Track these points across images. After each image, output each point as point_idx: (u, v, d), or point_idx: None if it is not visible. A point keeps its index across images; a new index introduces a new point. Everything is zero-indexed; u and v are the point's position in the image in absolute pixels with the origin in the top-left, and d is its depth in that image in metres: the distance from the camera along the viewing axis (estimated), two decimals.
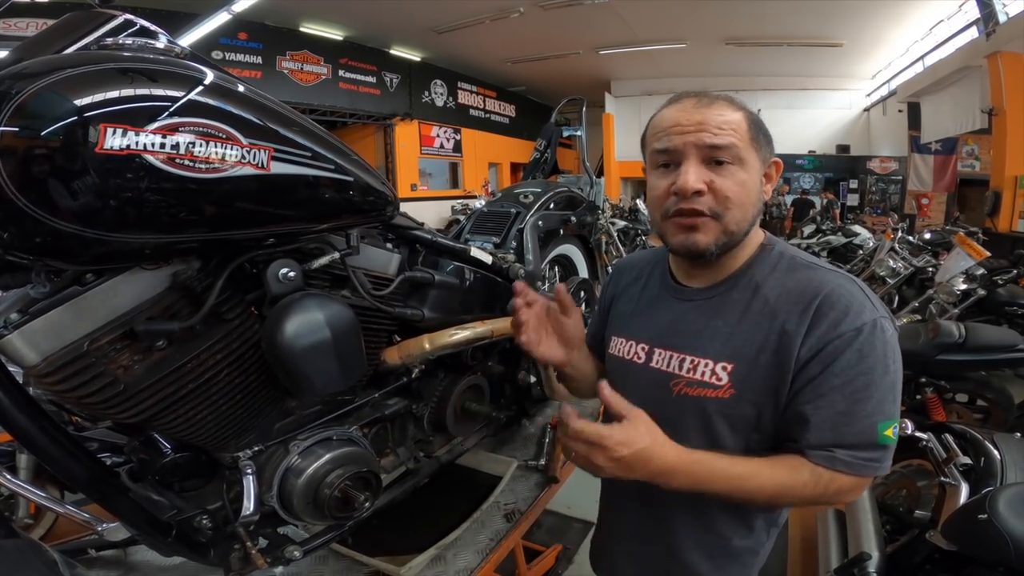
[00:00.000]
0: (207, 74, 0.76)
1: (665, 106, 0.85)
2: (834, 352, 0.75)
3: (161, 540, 0.96)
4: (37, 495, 1.45)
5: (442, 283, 1.31)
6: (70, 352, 0.75)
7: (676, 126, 0.80)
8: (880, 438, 0.76)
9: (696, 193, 0.78)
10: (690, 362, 0.85)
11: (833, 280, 0.80)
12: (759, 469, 0.79)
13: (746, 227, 0.82)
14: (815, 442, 0.77)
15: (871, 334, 0.75)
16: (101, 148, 0.64)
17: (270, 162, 0.79)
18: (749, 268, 0.86)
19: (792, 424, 0.80)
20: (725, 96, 0.83)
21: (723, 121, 0.78)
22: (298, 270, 0.93)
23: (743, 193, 0.80)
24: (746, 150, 0.80)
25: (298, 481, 1.03)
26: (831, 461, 0.76)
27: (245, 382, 0.95)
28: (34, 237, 0.65)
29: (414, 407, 1.38)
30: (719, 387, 0.82)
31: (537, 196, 1.98)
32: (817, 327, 0.76)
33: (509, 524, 1.55)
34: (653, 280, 0.99)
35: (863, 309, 0.76)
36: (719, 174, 0.79)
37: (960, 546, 1.45)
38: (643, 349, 0.93)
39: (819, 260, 0.87)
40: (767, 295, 0.82)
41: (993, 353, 2.62)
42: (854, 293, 0.78)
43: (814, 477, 0.78)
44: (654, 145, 0.84)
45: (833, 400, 0.76)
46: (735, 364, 0.81)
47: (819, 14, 8.94)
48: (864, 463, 0.77)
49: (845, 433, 0.76)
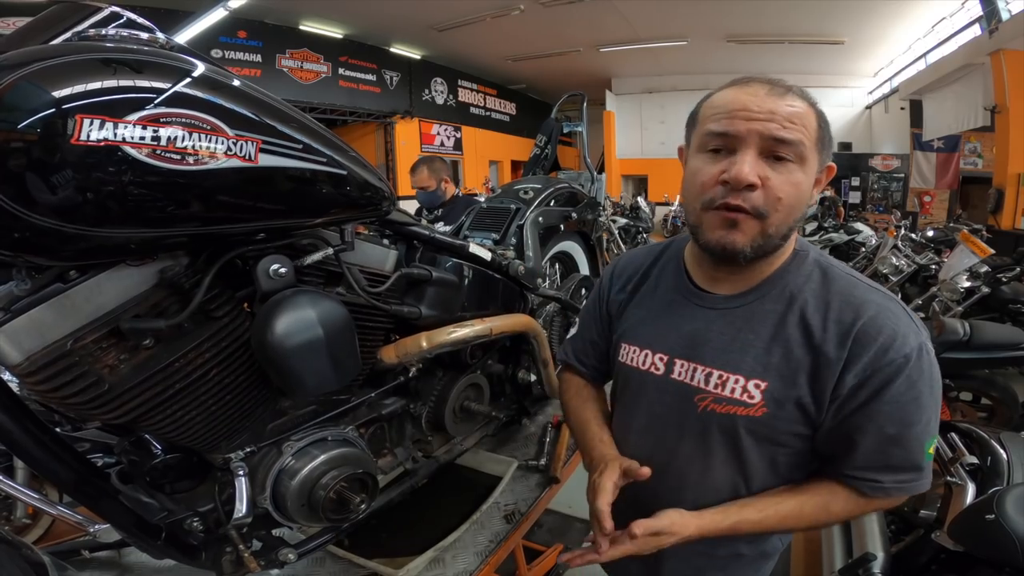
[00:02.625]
0: (193, 65, 0.74)
1: (728, 86, 0.78)
2: (885, 380, 0.72)
3: (151, 543, 0.94)
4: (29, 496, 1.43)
5: (440, 280, 1.28)
6: (53, 351, 0.72)
7: (744, 110, 0.72)
8: (926, 456, 0.76)
9: (749, 187, 0.71)
10: (718, 377, 0.80)
11: (876, 300, 0.75)
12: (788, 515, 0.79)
13: (786, 232, 0.76)
14: (862, 465, 0.76)
15: (919, 359, 0.73)
16: (77, 140, 0.62)
17: (258, 154, 0.76)
18: (782, 277, 0.80)
19: (836, 448, 0.78)
20: (797, 88, 0.77)
21: (794, 114, 0.72)
22: (290, 266, 0.91)
23: (795, 196, 0.73)
24: (810, 150, 0.74)
25: (292, 483, 1.00)
26: (879, 490, 0.77)
27: (235, 382, 0.92)
28: (12, 233, 0.63)
29: (412, 406, 1.35)
30: (751, 405, 0.78)
31: (537, 192, 1.95)
32: (864, 353, 0.72)
33: (509, 525, 1.53)
34: (665, 282, 0.92)
35: (909, 334, 0.73)
36: (776, 171, 0.72)
37: (967, 546, 1.43)
38: (661, 360, 0.87)
39: (855, 272, 0.82)
40: (803, 310, 0.77)
41: (998, 351, 2.61)
42: (898, 315, 0.74)
43: (848, 507, 0.79)
44: (710, 126, 0.75)
45: (883, 425, 0.74)
46: (769, 382, 0.77)
47: (820, 11, 8.91)
48: (910, 484, 0.77)
49: (894, 456, 0.75)
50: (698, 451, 0.83)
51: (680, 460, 0.85)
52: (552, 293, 1.85)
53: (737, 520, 0.79)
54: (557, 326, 1.99)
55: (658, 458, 0.85)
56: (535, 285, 1.71)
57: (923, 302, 3.85)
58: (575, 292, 2.09)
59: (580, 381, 1.09)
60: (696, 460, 0.84)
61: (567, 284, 2.08)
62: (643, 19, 10.00)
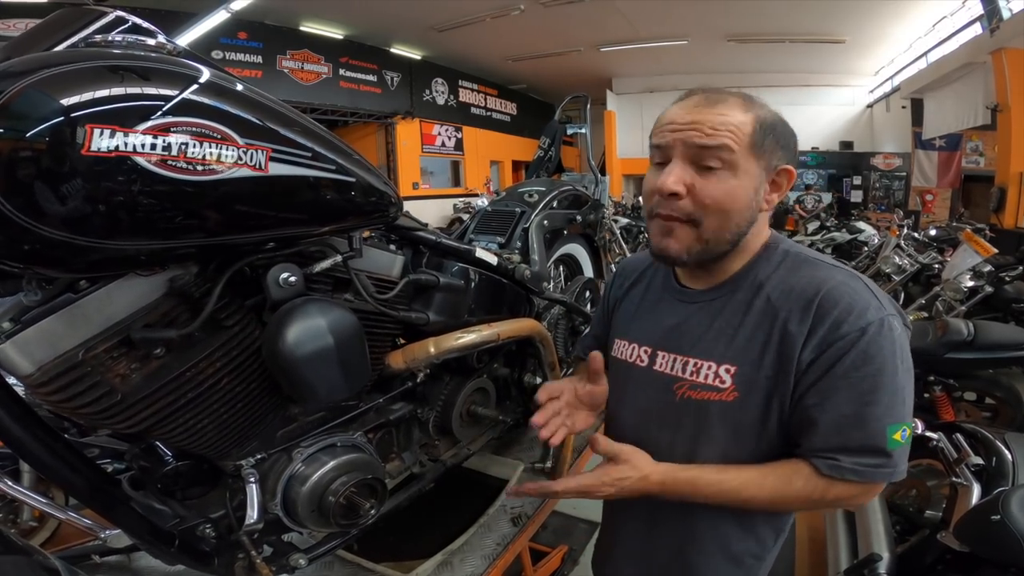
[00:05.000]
0: (201, 72, 0.73)
1: (675, 102, 0.82)
2: (837, 353, 0.72)
3: (164, 550, 0.94)
4: (38, 501, 1.44)
5: (447, 285, 1.28)
6: (65, 361, 0.72)
7: (671, 123, 0.78)
8: (889, 443, 0.73)
9: (673, 195, 0.76)
10: (693, 365, 0.83)
11: (836, 277, 0.77)
12: (749, 480, 0.78)
13: (728, 236, 0.79)
14: (820, 446, 0.75)
15: (877, 334, 0.72)
16: (88, 150, 0.61)
17: (268, 163, 0.76)
18: (752, 268, 0.84)
19: (798, 428, 0.78)
20: (740, 96, 0.79)
21: (721, 122, 0.74)
22: (299, 274, 0.91)
23: (727, 200, 0.76)
24: (743, 156, 0.75)
25: (302, 489, 1.00)
26: (836, 469, 0.74)
27: (246, 390, 0.92)
28: (22, 245, 0.62)
29: (419, 411, 1.35)
30: (723, 390, 0.80)
31: (542, 195, 1.95)
32: (820, 327, 0.73)
33: (516, 528, 1.54)
34: (656, 282, 0.98)
35: (868, 307, 0.73)
36: (704, 178, 0.75)
37: (973, 547, 1.43)
38: (646, 352, 0.91)
39: (825, 257, 0.84)
40: (769, 293, 0.79)
41: (1002, 351, 2.60)
42: (858, 290, 0.75)
43: (809, 485, 0.76)
44: (651, 140, 0.82)
45: (838, 403, 0.73)
46: (738, 366, 0.79)
47: (821, 10, 8.88)
48: (872, 469, 0.74)
49: (852, 437, 0.73)
50: (679, 441, 0.85)
51: (663, 451, 0.86)
52: (558, 297, 1.85)
53: (697, 474, 0.79)
54: (562, 329, 1.99)
55: (645, 449, 0.87)
56: (541, 289, 1.70)
57: (926, 302, 3.84)
58: (579, 295, 2.09)
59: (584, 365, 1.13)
60: (677, 451, 0.85)
61: (572, 287, 2.08)
62: (643, 18, 9.98)
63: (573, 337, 2.09)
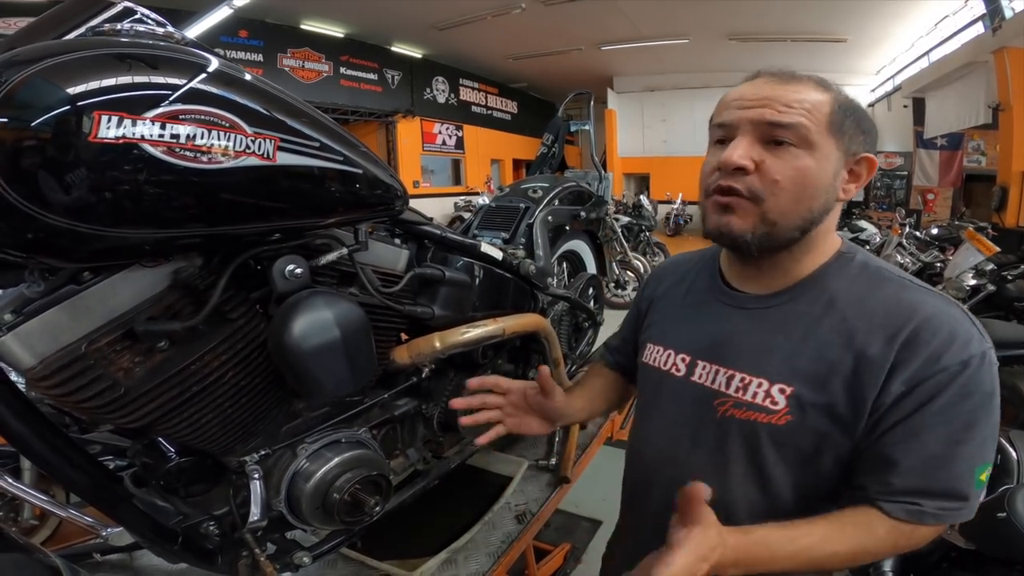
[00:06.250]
0: (210, 61, 0.72)
1: (742, 82, 0.76)
2: (935, 388, 0.64)
3: (167, 547, 0.93)
4: (39, 499, 1.42)
5: (453, 280, 1.26)
6: (67, 354, 0.71)
7: (739, 99, 0.72)
8: (976, 484, 0.66)
9: (738, 170, 0.69)
10: (740, 380, 0.74)
11: (931, 301, 0.68)
12: (827, 534, 0.67)
13: (797, 222, 0.70)
14: (899, 488, 0.66)
15: (979, 368, 0.64)
16: (95, 138, 0.60)
17: (276, 152, 0.75)
18: (822, 277, 0.74)
19: (871, 467, 0.69)
20: (816, 78, 0.73)
21: (796, 99, 0.68)
22: (305, 267, 0.89)
23: (798, 179, 0.68)
24: (819, 134, 0.68)
25: (307, 485, 0.99)
26: (918, 516, 0.66)
27: (251, 384, 0.91)
28: (26, 233, 0.61)
29: (424, 407, 1.34)
30: (774, 412, 0.71)
31: (546, 191, 1.94)
32: (914, 358, 0.65)
33: (520, 525, 1.53)
34: (700, 282, 0.88)
35: (970, 339, 0.65)
36: (774, 154, 0.69)
37: (978, 544, 1.43)
38: (683, 360, 0.82)
39: (911, 276, 0.74)
40: (844, 311, 0.70)
41: (1005, 349, 2.59)
42: (958, 319, 0.67)
43: (892, 534, 0.67)
44: (714, 119, 0.75)
45: (927, 442, 0.65)
46: (795, 387, 0.70)
47: (822, 10, 8.88)
48: (953, 512, 0.67)
49: (937, 478, 0.66)
50: (714, 463, 0.77)
51: (694, 471, 0.75)
52: (562, 292, 1.84)
53: (764, 534, 0.67)
54: (566, 325, 1.98)
55: (670, 471, 0.81)
56: (545, 284, 1.69)
57: None
58: (583, 292, 2.08)
59: (600, 366, 1.09)
60: (712, 473, 0.75)
61: (575, 284, 2.07)
62: (644, 17, 9.98)
63: (577, 334, 2.08)
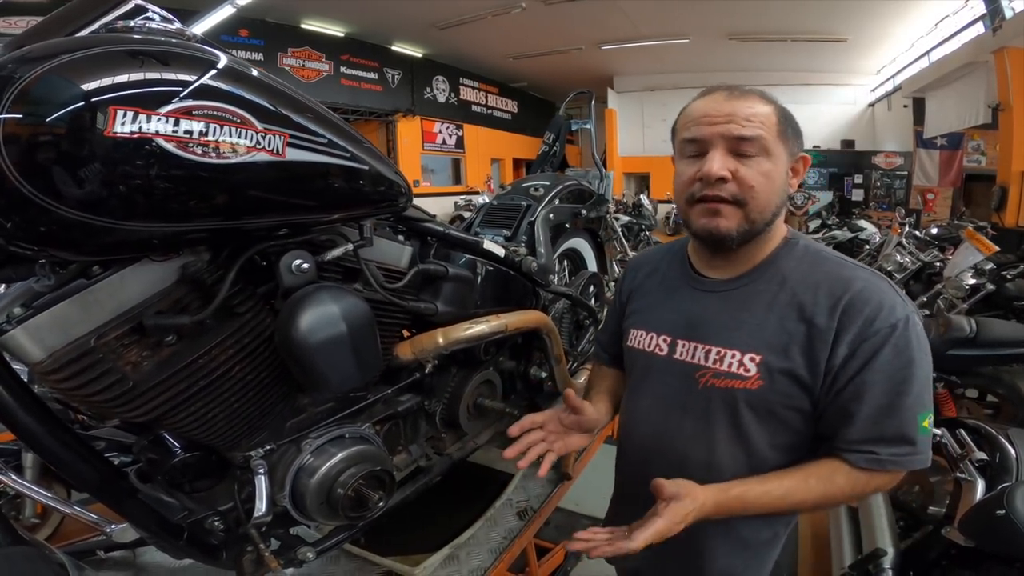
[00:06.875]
0: (219, 58, 0.73)
1: (697, 98, 0.87)
2: (872, 348, 0.77)
3: (173, 543, 0.94)
4: (43, 496, 1.43)
5: (456, 276, 1.27)
6: (76, 348, 0.72)
7: (706, 116, 0.82)
8: (920, 430, 0.78)
9: (720, 180, 0.80)
10: (716, 353, 0.86)
11: (863, 276, 0.81)
12: (794, 486, 0.80)
13: (768, 217, 0.84)
14: (857, 438, 0.79)
15: (905, 329, 0.77)
16: (110, 132, 0.61)
17: (285, 148, 0.76)
18: (775, 260, 0.87)
19: (831, 421, 0.81)
20: (757, 91, 0.85)
21: (752, 113, 0.80)
22: (312, 262, 0.90)
23: (767, 183, 0.81)
24: (773, 142, 0.81)
25: (311, 481, 1.00)
26: (875, 462, 0.78)
27: (257, 378, 0.91)
28: (39, 226, 0.62)
29: (426, 403, 1.35)
30: (747, 378, 0.83)
31: (547, 189, 1.94)
32: (852, 324, 0.78)
33: (522, 522, 1.53)
34: (672, 271, 1.00)
35: (895, 305, 0.78)
36: (744, 164, 0.80)
37: (978, 542, 1.45)
38: (665, 341, 0.94)
39: (844, 256, 0.89)
40: (794, 288, 0.83)
41: (1004, 348, 2.60)
42: (884, 290, 0.80)
43: (851, 480, 0.80)
44: (683, 135, 0.86)
45: (875, 395, 0.77)
46: (763, 355, 0.82)
47: (822, 9, 8.91)
48: (906, 458, 0.78)
49: (887, 426, 0.77)
50: (701, 429, 0.88)
51: (684, 439, 0.90)
52: (563, 290, 1.85)
53: (742, 489, 0.80)
54: (567, 323, 1.99)
55: (664, 439, 0.92)
56: (547, 282, 1.70)
57: (928, 299, 3.84)
58: (584, 289, 2.09)
59: (600, 367, 1.18)
60: (700, 439, 0.88)
61: (576, 281, 2.08)
62: (645, 17, 9.99)
63: (578, 331, 2.09)
